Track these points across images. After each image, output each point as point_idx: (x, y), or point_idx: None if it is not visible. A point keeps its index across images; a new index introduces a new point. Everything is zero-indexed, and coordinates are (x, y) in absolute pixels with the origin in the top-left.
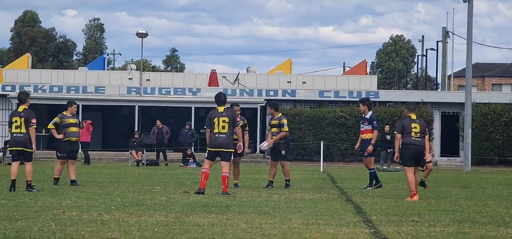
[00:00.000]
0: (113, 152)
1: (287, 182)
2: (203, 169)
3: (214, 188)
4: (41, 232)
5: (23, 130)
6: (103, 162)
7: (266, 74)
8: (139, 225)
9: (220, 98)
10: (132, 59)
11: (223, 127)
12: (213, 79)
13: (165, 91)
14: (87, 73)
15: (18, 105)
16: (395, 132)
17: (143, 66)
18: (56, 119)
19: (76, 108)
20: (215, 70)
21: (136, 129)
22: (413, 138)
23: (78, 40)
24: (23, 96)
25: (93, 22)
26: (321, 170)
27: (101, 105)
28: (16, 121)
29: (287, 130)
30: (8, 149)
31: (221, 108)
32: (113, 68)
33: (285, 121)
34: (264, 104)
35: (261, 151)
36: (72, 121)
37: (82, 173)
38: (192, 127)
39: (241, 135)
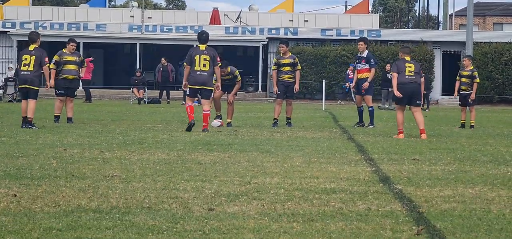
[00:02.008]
0: (114, 89)
1: (289, 120)
2: (187, 104)
3: (217, 127)
4: (42, 169)
5: (31, 68)
6: (104, 100)
7: (268, 12)
8: (140, 163)
9: (202, 37)
10: None
11: (204, 65)
12: (215, 17)
13: (167, 29)
14: (88, 11)
15: (28, 44)
16: (391, 72)
17: (145, 3)
18: (55, 57)
19: (74, 46)
20: (217, 8)
21: (137, 67)
22: (407, 76)
23: None
24: (34, 36)
25: None
26: (323, 109)
27: (102, 43)
28: (26, 59)
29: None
30: (19, 86)
31: (202, 46)
32: (114, 6)
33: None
34: (266, 42)
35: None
36: (70, 58)
37: (83, 110)
38: None
39: (220, 75)
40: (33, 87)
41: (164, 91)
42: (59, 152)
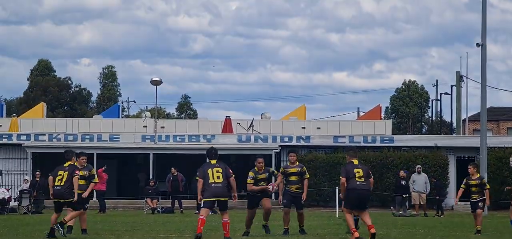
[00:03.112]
0: (128, 199)
1: (302, 228)
2: (200, 216)
3: (231, 233)
4: None
5: (63, 183)
6: (118, 210)
7: (280, 120)
8: None
9: (212, 153)
10: (146, 106)
11: (218, 177)
12: (227, 126)
13: (179, 138)
14: (102, 121)
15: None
16: (340, 177)
17: (158, 113)
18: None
19: (84, 160)
20: (229, 116)
21: (150, 177)
22: (358, 182)
23: (92, 89)
24: (69, 155)
25: (107, 70)
26: (337, 216)
27: (116, 153)
28: (60, 174)
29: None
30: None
31: (213, 161)
32: (127, 116)
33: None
34: (278, 150)
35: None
36: (80, 173)
37: (97, 221)
38: None
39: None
40: (67, 200)
41: (176, 200)
42: None
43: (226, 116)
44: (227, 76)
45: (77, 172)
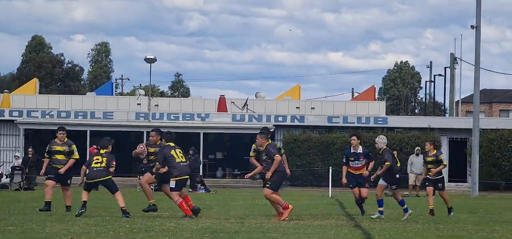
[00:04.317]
0: (122, 177)
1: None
2: (179, 200)
3: (222, 214)
4: None
5: (104, 165)
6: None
7: (275, 100)
8: None
9: (170, 136)
10: (140, 84)
11: (182, 156)
12: (222, 105)
13: (173, 116)
14: (95, 99)
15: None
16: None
17: (152, 91)
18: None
19: (63, 135)
20: (224, 95)
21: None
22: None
23: (86, 65)
24: (105, 142)
25: (100, 46)
26: (330, 196)
27: (109, 131)
28: (97, 159)
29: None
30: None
31: (172, 144)
32: (121, 94)
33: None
34: (273, 130)
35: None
36: (58, 148)
37: (91, 198)
38: (200, 152)
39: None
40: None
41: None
42: None
43: (221, 95)
44: (222, 55)
45: (113, 162)
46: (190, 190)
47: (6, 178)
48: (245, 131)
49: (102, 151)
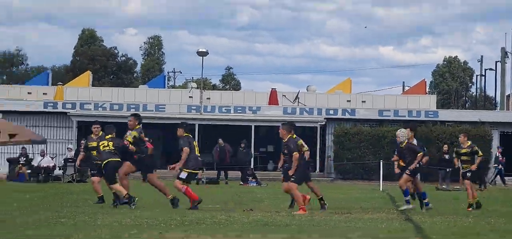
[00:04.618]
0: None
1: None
2: (184, 188)
3: (273, 207)
4: None
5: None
6: (164, 180)
7: (325, 93)
8: None
9: (189, 127)
10: (192, 77)
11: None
12: (273, 98)
13: (225, 109)
14: (148, 91)
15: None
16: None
17: (203, 84)
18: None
19: (97, 129)
20: (275, 88)
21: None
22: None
23: (138, 59)
24: (109, 130)
25: (152, 40)
26: (381, 189)
27: (161, 124)
28: (104, 143)
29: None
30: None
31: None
32: (173, 87)
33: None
34: (324, 123)
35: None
36: (94, 144)
37: (142, 191)
38: (251, 145)
39: None
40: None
41: (222, 171)
42: (118, 233)
43: (272, 88)
44: (273, 49)
45: (121, 143)
46: (241, 182)
47: (59, 170)
48: (296, 123)
49: (107, 137)
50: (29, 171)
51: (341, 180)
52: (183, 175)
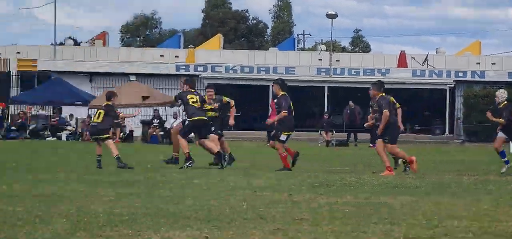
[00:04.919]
0: (303, 132)
1: None
2: (284, 153)
3: (400, 169)
4: (233, 211)
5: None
6: (293, 142)
7: (454, 55)
8: (329, 205)
9: (285, 86)
10: (321, 40)
11: None
12: (402, 60)
13: (354, 72)
14: (278, 54)
15: None
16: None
17: (333, 47)
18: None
19: (210, 93)
20: (404, 51)
21: (325, 109)
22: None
23: (268, 21)
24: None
25: (282, 2)
26: (511, 151)
27: (291, 87)
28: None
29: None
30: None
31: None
32: (302, 49)
33: None
34: (453, 85)
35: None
36: (209, 107)
37: (271, 153)
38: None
39: None
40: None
41: (352, 133)
42: (250, 194)
43: (401, 51)
44: (402, 11)
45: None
46: (371, 145)
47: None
48: (425, 86)
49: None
50: (162, 133)
51: (468, 142)
52: (283, 137)
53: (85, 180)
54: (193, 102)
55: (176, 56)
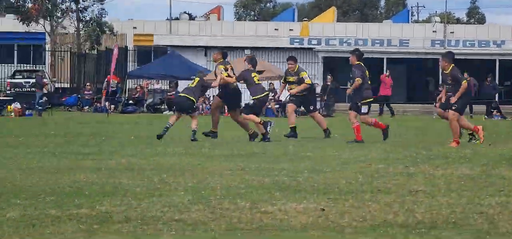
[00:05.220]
0: (417, 104)
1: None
2: (356, 123)
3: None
4: (349, 184)
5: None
6: (407, 115)
7: None
8: (445, 177)
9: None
10: (436, 11)
11: None
12: None
13: (469, 43)
14: (392, 26)
15: None
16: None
17: (447, 18)
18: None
19: (292, 65)
20: None
21: (440, 82)
22: None
23: None
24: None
25: None
26: None
27: (405, 59)
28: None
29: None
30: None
31: None
32: (416, 21)
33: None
34: None
35: None
36: (291, 78)
37: (388, 123)
38: (496, 80)
39: None
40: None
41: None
42: (364, 167)
43: None
44: None
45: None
46: (486, 116)
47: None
48: None
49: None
50: (277, 106)
51: None
52: (365, 109)
53: (202, 153)
54: (257, 80)
55: (290, 30)
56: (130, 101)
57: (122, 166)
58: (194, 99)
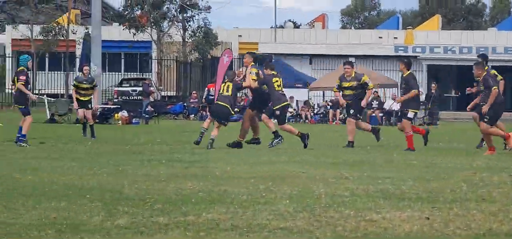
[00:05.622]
0: None
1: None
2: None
3: None
4: (453, 193)
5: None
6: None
7: None
8: None
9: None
10: None
11: None
12: None
13: None
14: (496, 34)
15: None
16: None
17: None
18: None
19: (349, 70)
20: None
21: None
22: None
23: (487, 1)
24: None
25: None
26: None
27: (511, 67)
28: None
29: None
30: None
31: None
32: None
33: None
34: None
35: None
36: (348, 84)
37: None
38: None
39: None
40: None
41: None
42: (469, 175)
43: None
44: None
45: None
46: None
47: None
48: None
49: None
50: (381, 114)
51: None
52: (411, 114)
53: (307, 161)
54: (278, 86)
55: (394, 38)
56: (236, 110)
57: (227, 174)
58: (230, 108)
